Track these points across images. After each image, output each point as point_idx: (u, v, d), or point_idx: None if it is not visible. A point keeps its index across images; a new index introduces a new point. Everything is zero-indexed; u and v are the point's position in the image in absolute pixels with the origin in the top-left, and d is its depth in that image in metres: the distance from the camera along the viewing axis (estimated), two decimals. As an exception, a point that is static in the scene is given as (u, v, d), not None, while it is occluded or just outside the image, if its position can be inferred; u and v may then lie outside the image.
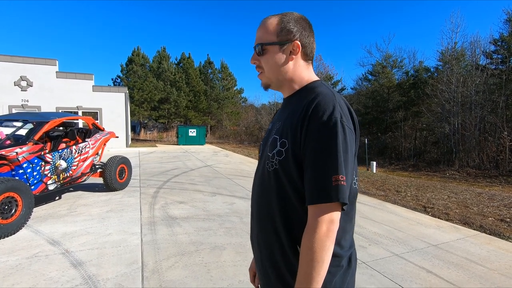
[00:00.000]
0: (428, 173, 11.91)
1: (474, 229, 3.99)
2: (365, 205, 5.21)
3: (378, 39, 58.46)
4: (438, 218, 4.51)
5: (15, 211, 3.54)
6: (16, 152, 3.92)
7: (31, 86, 14.27)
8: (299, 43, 0.89)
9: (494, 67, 15.08)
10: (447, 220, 4.40)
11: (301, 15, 0.94)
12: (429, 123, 16.83)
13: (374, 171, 10.54)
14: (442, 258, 3.05)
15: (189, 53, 30.81)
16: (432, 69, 20.13)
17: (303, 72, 0.93)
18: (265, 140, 0.97)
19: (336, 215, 0.74)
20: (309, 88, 0.90)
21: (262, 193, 0.91)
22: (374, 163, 10.98)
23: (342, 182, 0.72)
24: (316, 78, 0.94)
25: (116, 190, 5.78)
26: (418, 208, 5.02)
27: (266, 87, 0.97)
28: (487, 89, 13.80)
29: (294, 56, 0.90)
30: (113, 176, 5.64)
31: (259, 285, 1.07)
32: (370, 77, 23.91)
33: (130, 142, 18.45)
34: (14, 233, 3.49)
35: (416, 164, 14.35)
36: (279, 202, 0.84)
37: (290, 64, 0.91)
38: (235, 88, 32.67)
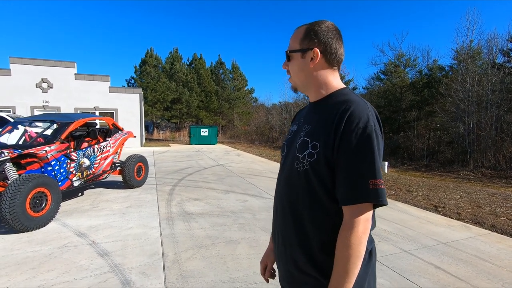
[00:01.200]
0: (442, 174, 11.76)
1: (485, 229, 4.02)
2: (375, 204, 5.27)
3: (391, 37, 57.46)
4: (449, 217, 4.54)
5: (45, 205, 3.82)
6: (45, 151, 4.21)
7: (52, 87, 14.90)
8: (318, 50, 0.94)
9: (511, 65, 14.71)
10: (458, 219, 4.43)
11: (332, 23, 0.98)
12: (443, 123, 16.52)
13: (386, 171, 10.51)
14: (451, 255, 3.12)
15: (200, 54, 31.34)
16: (446, 68, 19.79)
17: (329, 77, 0.97)
18: (290, 141, 1.02)
19: (370, 214, 0.83)
20: (338, 95, 0.94)
21: (289, 190, 0.95)
22: (386, 163, 10.94)
23: (381, 186, 0.81)
24: (343, 85, 0.98)
25: (134, 188, 6.05)
26: (429, 208, 5.05)
27: (295, 89, 1.05)
28: (504, 88, 13.48)
29: (314, 63, 0.95)
30: (131, 174, 5.91)
31: (268, 278, 1.16)
32: (382, 76, 23.62)
33: (144, 141, 18.93)
34: (44, 226, 3.77)
35: (429, 164, 14.15)
36: (307, 200, 0.89)
37: (311, 69, 0.96)
38: (246, 88, 32.89)
